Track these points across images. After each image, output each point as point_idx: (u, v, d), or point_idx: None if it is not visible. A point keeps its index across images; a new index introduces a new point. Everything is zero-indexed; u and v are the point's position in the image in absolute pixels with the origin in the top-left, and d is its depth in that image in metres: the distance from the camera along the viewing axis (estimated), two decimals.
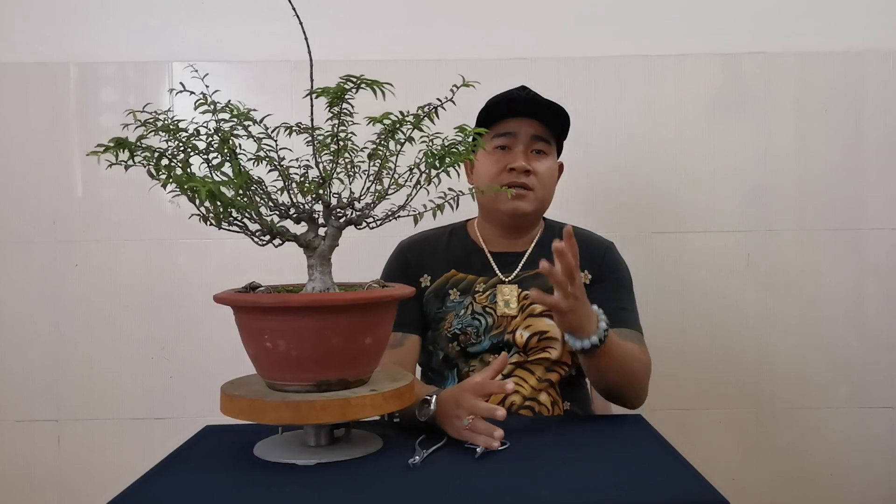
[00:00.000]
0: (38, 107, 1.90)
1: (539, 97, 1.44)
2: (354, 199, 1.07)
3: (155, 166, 0.96)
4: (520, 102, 1.42)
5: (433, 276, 1.46)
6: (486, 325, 1.41)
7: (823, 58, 1.92)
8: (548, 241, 1.46)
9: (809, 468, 1.97)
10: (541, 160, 1.43)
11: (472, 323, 1.41)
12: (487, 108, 1.43)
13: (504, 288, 1.43)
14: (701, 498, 0.89)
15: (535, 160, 1.43)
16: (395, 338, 1.39)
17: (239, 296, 1.04)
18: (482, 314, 1.41)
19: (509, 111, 1.42)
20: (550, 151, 1.46)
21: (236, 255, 1.89)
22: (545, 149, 1.44)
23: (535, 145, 1.43)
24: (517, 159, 1.40)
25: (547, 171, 1.44)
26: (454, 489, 0.94)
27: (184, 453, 1.12)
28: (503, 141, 1.43)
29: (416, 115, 1.03)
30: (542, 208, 1.47)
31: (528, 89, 1.45)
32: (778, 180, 1.94)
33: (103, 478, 1.90)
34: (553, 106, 1.43)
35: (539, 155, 1.44)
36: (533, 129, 1.42)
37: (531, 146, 1.43)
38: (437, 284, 1.46)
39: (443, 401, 1.14)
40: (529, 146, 1.43)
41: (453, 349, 1.41)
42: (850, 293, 1.96)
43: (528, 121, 1.42)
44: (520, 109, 1.42)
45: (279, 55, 1.86)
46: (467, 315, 1.41)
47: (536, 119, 1.42)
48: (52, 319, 1.92)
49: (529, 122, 1.42)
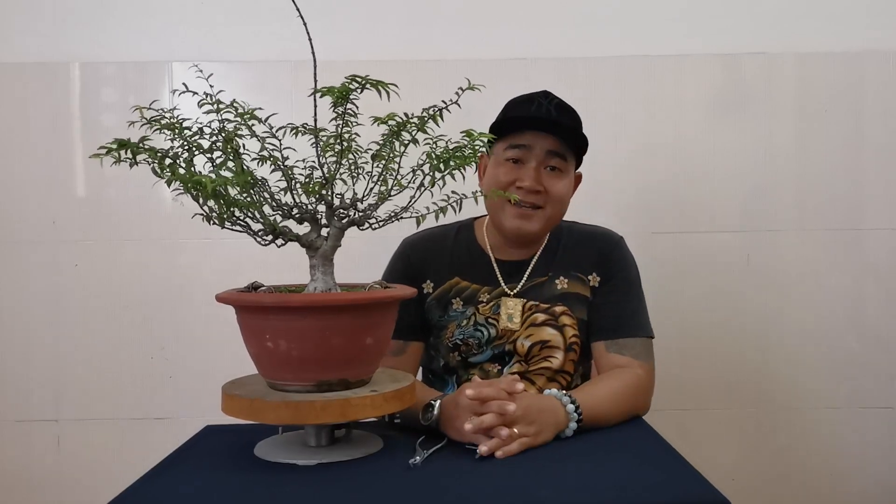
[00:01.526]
0: (38, 107, 1.90)
1: (559, 113, 1.34)
2: (357, 199, 1.07)
3: (159, 165, 0.96)
4: (538, 119, 1.33)
5: (436, 283, 1.43)
6: (488, 336, 1.38)
7: (823, 58, 1.93)
8: (553, 248, 1.44)
9: (809, 468, 1.98)
10: (554, 178, 1.34)
11: (473, 334, 1.38)
12: (504, 117, 1.37)
13: (509, 301, 1.39)
14: (701, 498, 0.89)
15: (549, 178, 1.34)
16: (397, 345, 1.37)
17: (241, 295, 1.04)
18: (485, 325, 1.38)
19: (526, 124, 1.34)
20: (566, 168, 1.36)
21: (237, 255, 1.88)
22: (560, 165, 1.35)
23: (550, 161, 1.34)
24: (528, 177, 1.32)
25: (561, 189, 1.35)
26: (454, 489, 0.94)
27: (184, 453, 1.12)
28: (516, 154, 1.34)
29: (421, 118, 1.03)
30: (548, 227, 1.39)
31: (551, 95, 1.37)
32: (778, 180, 1.94)
33: (103, 478, 1.90)
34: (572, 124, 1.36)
35: (553, 172, 1.34)
36: (549, 145, 1.33)
37: (546, 162, 1.34)
38: (440, 292, 1.42)
39: (445, 405, 1.14)
40: (544, 162, 1.34)
41: (454, 358, 1.40)
42: (850, 293, 1.96)
43: (545, 134, 1.33)
44: (537, 125, 1.33)
45: (279, 55, 1.86)
46: (469, 326, 1.39)
47: (554, 134, 1.33)
48: (52, 319, 1.92)
49: (546, 136, 1.33)
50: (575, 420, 1.15)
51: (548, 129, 1.33)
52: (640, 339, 1.37)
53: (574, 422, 1.15)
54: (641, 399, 1.32)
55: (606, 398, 1.23)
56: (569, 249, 1.43)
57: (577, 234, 1.46)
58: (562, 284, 1.40)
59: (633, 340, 1.36)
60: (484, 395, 1.10)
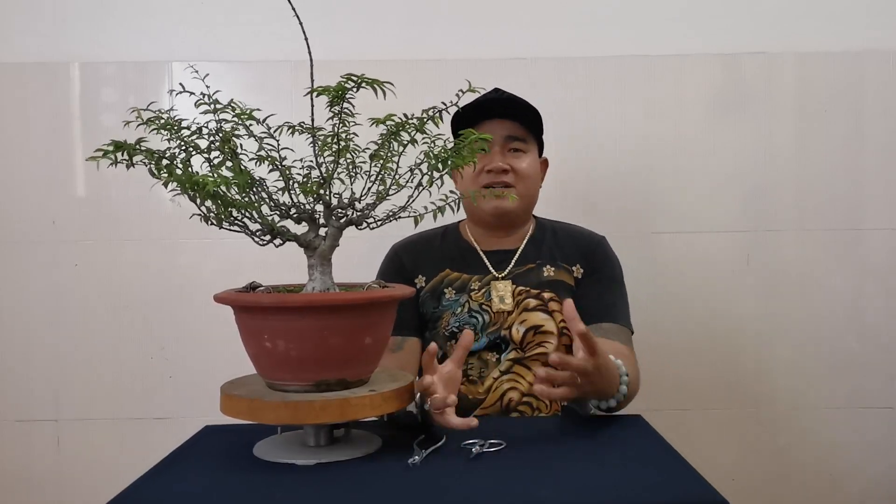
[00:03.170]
0: (38, 107, 1.90)
1: (508, 97, 1.44)
2: (355, 199, 1.07)
3: (156, 166, 0.96)
4: (488, 106, 1.42)
5: (428, 277, 1.47)
6: (482, 322, 1.42)
7: (823, 58, 1.92)
8: (539, 239, 1.49)
9: (809, 468, 1.97)
10: (519, 158, 1.45)
11: (468, 321, 1.42)
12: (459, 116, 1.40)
13: (498, 284, 1.44)
14: (701, 498, 0.89)
15: (513, 158, 1.44)
16: (395, 341, 1.41)
17: (239, 295, 1.04)
18: (479, 311, 1.42)
19: (481, 115, 1.42)
20: (528, 149, 1.46)
21: (236, 255, 1.88)
22: (522, 147, 1.45)
23: (511, 145, 1.45)
24: (494, 160, 1.42)
25: (527, 167, 1.45)
26: (454, 489, 0.94)
27: (184, 453, 1.12)
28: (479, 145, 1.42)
29: (420, 119, 1.03)
30: (526, 205, 1.48)
31: (502, 91, 1.46)
32: (778, 180, 1.94)
33: (103, 478, 1.90)
34: (523, 104, 1.44)
35: (516, 153, 1.45)
36: (506, 130, 1.44)
37: (507, 146, 1.44)
38: (433, 284, 1.46)
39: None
40: (505, 146, 1.44)
41: (451, 347, 1.41)
42: (850, 293, 1.96)
43: (501, 122, 1.43)
44: (491, 112, 1.43)
45: (279, 55, 1.86)
46: (464, 313, 1.42)
47: (509, 119, 1.44)
48: (52, 319, 1.92)
49: (502, 123, 1.43)
50: (616, 400, 1.19)
51: (502, 114, 1.43)
52: (619, 326, 1.41)
53: (616, 401, 1.19)
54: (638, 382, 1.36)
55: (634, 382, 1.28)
56: (554, 240, 1.51)
57: (561, 230, 1.54)
58: (548, 272, 1.46)
59: (612, 325, 1.40)
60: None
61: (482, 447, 1.06)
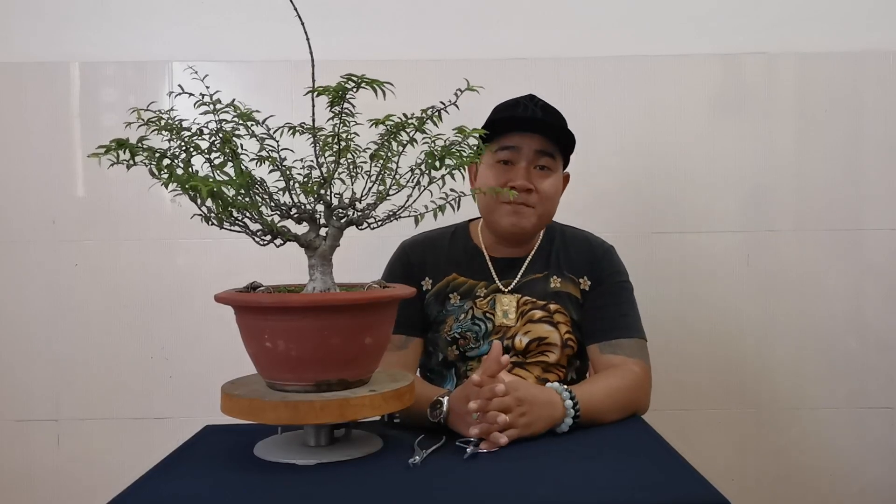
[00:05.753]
0: (37, 107, 1.90)
1: (545, 114, 1.39)
2: (356, 199, 1.07)
3: (157, 166, 0.96)
4: (525, 120, 1.38)
5: (434, 279, 1.46)
6: (485, 329, 1.41)
7: (823, 58, 1.92)
8: (548, 248, 1.48)
9: (809, 468, 1.97)
10: (544, 177, 1.39)
11: (471, 328, 1.41)
12: (492, 121, 1.40)
13: (503, 298, 1.42)
14: (701, 498, 0.89)
15: (539, 177, 1.39)
16: (399, 340, 1.40)
17: (239, 295, 1.04)
18: (482, 319, 1.41)
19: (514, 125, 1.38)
20: (555, 167, 1.41)
21: (236, 255, 1.88)
22: (549, 164, 1.40)
23: (539, 161, 1.39)
24: (519, 176, 1.36)
25: (550, 188, 1.40)
26: (454, 489, 0.94)
27: (184, 453, 1.12)
28: (506, 155, 1.38)
29: (420, 119, 1.03)
30: (541, 224, 1.44)
31: (536, 98, 1.42)
32: (778, 181, 1.94)
33: (103, 478, 1.90)
34: (560, 125, 1.40)
35: (543, 171, 1.39)
36: (537, 144, 1.38)
37: (535, 161, 1.39)
38: (438, 287, 1.45)
39: (454, 400, 1.15)
40: (533, 162, 1.38)
41: (452, 352, 1.41)
42: (850, 293, 1.96)
43: (532, 135, 1.38)
44: (524, 126, 1.38)
45: (279, 55, 1.86)
46: (467, 319, 1.41)
47: (541, 134, 1.38)
48: (52, 319, 1.92)
49: (533, 137, 1.38)
50: (571, 416, 1.16)
51: (535, 130, 1.38)
52: (634, 340, 1.39)
53: (570, 417, 1.16)
54: (639, 396, 1.32)
55: (604, 395, 1.24)
56: (563, 250, 1.48)
57: (569, 237, 1.50)
58: (555, 283, 1.44)
59: (626, 341, 1.38)
60: (479, 381, 1.11)
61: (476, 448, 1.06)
